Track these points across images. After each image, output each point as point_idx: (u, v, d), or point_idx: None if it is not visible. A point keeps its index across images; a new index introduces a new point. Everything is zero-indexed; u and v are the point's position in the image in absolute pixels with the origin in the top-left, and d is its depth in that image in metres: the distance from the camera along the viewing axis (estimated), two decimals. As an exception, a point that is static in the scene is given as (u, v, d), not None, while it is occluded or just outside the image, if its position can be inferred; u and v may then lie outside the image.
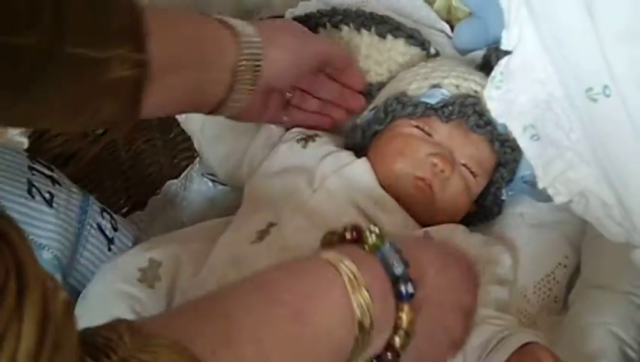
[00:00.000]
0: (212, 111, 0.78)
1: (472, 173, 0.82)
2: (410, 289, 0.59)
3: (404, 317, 0.59)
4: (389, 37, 0.91)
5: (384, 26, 0.91)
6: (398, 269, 0.59)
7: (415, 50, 0.92)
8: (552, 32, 0.50)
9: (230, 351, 0.48)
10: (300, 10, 0.99)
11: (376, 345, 0.58)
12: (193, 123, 0.95)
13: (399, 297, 0.59)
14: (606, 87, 0.51)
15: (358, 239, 0.61)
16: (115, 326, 0.45)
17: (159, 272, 0.77)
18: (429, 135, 0.82)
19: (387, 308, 0.58)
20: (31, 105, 0.61)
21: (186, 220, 1.01)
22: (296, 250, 0.71)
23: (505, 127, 0.78)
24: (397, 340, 0.59)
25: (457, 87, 0.84)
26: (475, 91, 0.83)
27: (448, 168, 0.79)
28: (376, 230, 0.61)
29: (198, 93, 0.75)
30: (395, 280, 0.59)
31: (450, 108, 0.82)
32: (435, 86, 0.84)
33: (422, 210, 0.81)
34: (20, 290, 0.36)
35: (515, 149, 0.83)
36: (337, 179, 0.81)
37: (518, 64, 0.53)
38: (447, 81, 0.85)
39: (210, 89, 0.75)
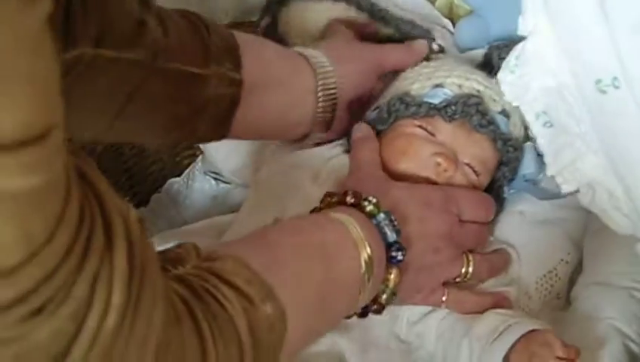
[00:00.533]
0: (298, 136, 0.82)
1: (475, 172, 0.82)
2: (400, 257, 0.66)
3: (392, 278, 0.66)
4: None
5: (389, 19, 0.92)
6: (392, 237, 0.66)
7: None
8: (565, 23, 0.51)
9: (277, 275, 0.54)
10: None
11: (367, 298, 0.65)
12: None
13: (389, 260, 0.66)
14: (615, 78, 0.52)
15: (356, 204, 0.67)
16: (182, 245, 0.53)
17: None
18: (433, 135, 0.81)
19: (380, 268, 0.65)
20: (132, 122, 0.68)
21: (189, 218, 1.00)
22: None
23: (507, 125, 0.79)
24: (384, 297, 0.66)
25: (460, 86, 0.84)
26: (478, 90, 0.83)
27: (452, 167, 0.79)
28: (373, 200, 0.67)
29: (284, 114, 0.79)
30: (388, 246, 0.66)
31: (453, 107, 0.82)
32: (437, 86, 0.85)
33: None
34: (105, 224, 0.39)
35: (518, 148, 0.83)
36: (342, 176, 0.82)
37: (532, 51, 0.53)
38: (449, 81, 0.85)
39: (295, 110, 0.80)
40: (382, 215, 0.66)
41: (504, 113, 0.80)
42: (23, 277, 0.34)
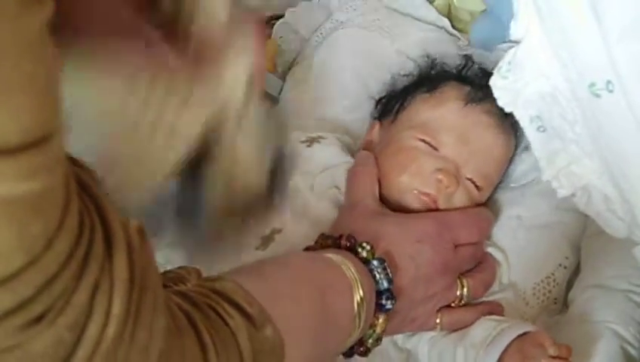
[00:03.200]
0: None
1: (476, 187, 0.81)
2: (390, 305, 0.67)
3: (380, 323, 0.67)
4: None
5: None
6: (384, 284, 0.67)
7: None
8: (557, 27, 0.51)
9: (274, 306, 0.54)
10: (301, 9, 0.99)
11: (355, 339, 0.66)
12: None
13: (379, 307, 0.67)
14: (609, 82, 0.51)
15: (351, 248, 0.67)
16: (182, 267, 0.54)
17: None
18: (436, 149, 0.81)
19: (370, 312, 0.65)
20: None
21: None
22: None
23: None
24: (370, 341, 0.67)
25: None
26: None
27: (454, 184, 0.78)
28: (367, 246, 0.67)
29: None
30: (379, 293, 0.66)
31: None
32: None
33: None
34: (106, 233, 0.39)
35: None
36: (337, 192, 0.81)
37: (524, 56, 0.53)
38: None
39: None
40: (375, 262, 0.67)
41: None
42: (22, 284, 0.34)
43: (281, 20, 1.07)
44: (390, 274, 0.67)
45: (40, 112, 0.33)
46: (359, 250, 0.67)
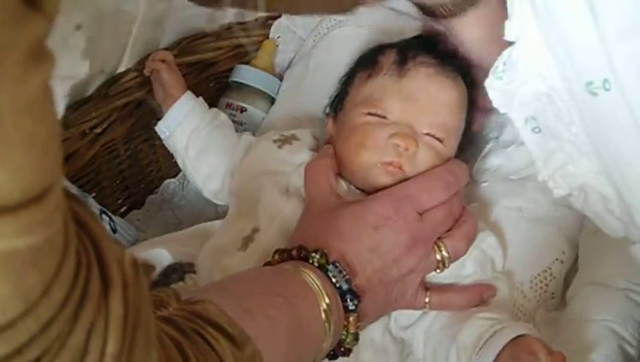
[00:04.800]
0: None
1: (438, 139, 0.80)
2: (352, 306, 0.67)
3: (351, 323, 0.67)
4: None
5: None
6: (343, 286, 0.67)
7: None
8: (554, 25, 0.51)
9: (249, 324, 0.54)
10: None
11: (331, 344, 0.66)
12: (178, 141, 0.94)
13: (346, 309, 0.67)
14: (606, 80, 0.51)
15: (305, 258, 0.67)
16: (162, 290, 0.54)
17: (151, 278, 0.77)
18: (384, 117, 0.80)
19: (339, 316, 0.66)
20: None
21: (184, 219, 1.00)
22: None
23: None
24: (347, 341, 0.67)
25: None
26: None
27: (412, 145, 0.77)
28: (317, 255, 0.67)
29: None
30: (342, 294, 0.67)
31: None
32: None
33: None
34: (102, 270, 0.39)
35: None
36: None
37: (519, 56, 0.53)
38: None
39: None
40: (330, 266, 0.67)
41: None
42: (17, 332, 0.34)
43: (278, 20, 1.07)
44: (347, 276, 0.67)
45: (40, 170, 0.33)
46: (311, 260, 0.67)
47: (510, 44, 0.54)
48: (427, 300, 0.74)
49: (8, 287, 0.33)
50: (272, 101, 1.06)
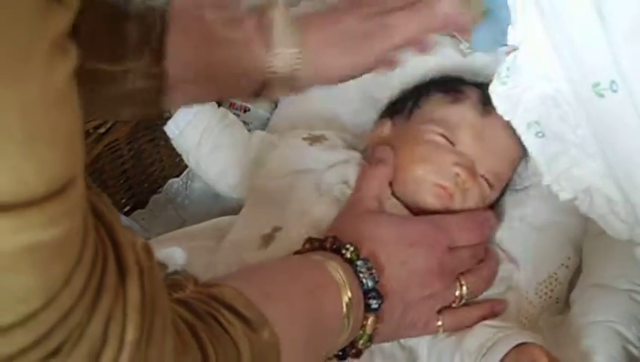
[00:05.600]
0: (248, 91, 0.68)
1: (489, 184, 0.82)
2: (376, 305, 0.66)
3: (369, 324, 0.66)
4: None
5: None
6: (369, 284, 0.66)
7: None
8: (561, 28, 0.51)
9: (270, 309, 0.55)
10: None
11: (346, 340, 0.66)
12: (189, 139, 0.93)
13: (367, 307, 0.66)
14: (613, 82, 0.51)
15: (336, 250, 0.68)
16: (180, 272, 0.57)
17: (165, 274, 0.77)
18: (453, 144, 0.81)
19: (359, 312, 0.66)
20: None
21: (188, 219, 1.00)
22: None
23: None
24: (360, 342, 0.67)
25: None
26: None
27: (471, 179, 0.79)
28: (351, 247, 0.67)
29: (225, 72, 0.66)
30: (365, 293, 0.66)
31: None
32: None
33: (423, 211, 0.80)
34: (118, 257, 0.40)
35: None
36: (345, 188, 0.81)
37: (524, 60, 0.53)
38: None
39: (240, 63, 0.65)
40: (360, 262, 0.67)
41: None
42: (40, 322, 0.35)
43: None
44: (375, 274, 0.67)
45: (65, 162, 0.33)
46: (343, 251, 0.67)
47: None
48: (440, 324, 0.74)
49: (34, 279, 0.33)
50: (275, 101, 1.06)
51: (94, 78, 0.60)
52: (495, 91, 0.57)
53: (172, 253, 0.78)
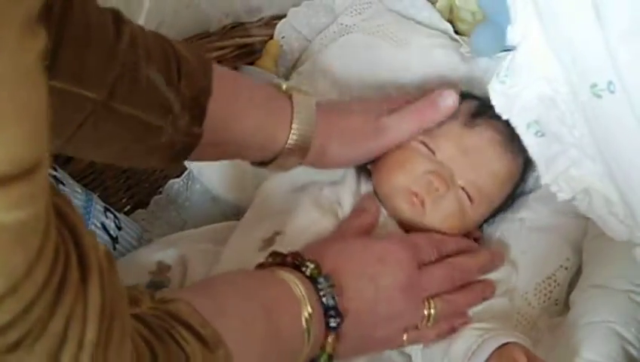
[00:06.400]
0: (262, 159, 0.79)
1: (469, 197, 0.81)
2: (334, 323, 0.66)
3: (329, 342, 0.66)
4: None
5: None
6: (329, 302, 0.66)
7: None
8: (558, 28, 0.51)
9: (223, 324, 0.55)
10: (304, 9, 0.99)
11: (307, 356, 0.65)
12: None
13: (327, 325, 0.66)
14: (610, 83, 0.51)
15: (298, 266, 0.68)
16: (135, 287, 0.56)
17: (168, 276, 0.78)
18: (433, 152, 0.81)
19: (321, 328, 0.66)
20: (83, 146, 0.67)
21: (189, 220, 1.00)
22: None
23: None
24: (321, 360, 0.67)
25: None
26: None
27: (443, 187, 0.78)
28: (312, 265, 0.67)
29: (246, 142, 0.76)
30: (325, 310, 0.66)
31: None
32: None
33: (409, 224, 0.80)
34: (80, 258, 0.40)
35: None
36: (338, 208, 0.82)
37: (523, 60, 0.53)
38: None
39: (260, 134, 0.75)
40: (321, 279, 0.67)
41: None
42: (1, 312, 0.34)
43: (283, 20, 1.07)
44: (333, 293, 0.67)
45: (32, 142, 0.33)
46: (303, 268, 0.67)
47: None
48: (405, 338, 0.74)
49: None
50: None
51: (135, 125, 0.65)
52: (493, 89, 0.57)
53: (169, 254, 0.79)
